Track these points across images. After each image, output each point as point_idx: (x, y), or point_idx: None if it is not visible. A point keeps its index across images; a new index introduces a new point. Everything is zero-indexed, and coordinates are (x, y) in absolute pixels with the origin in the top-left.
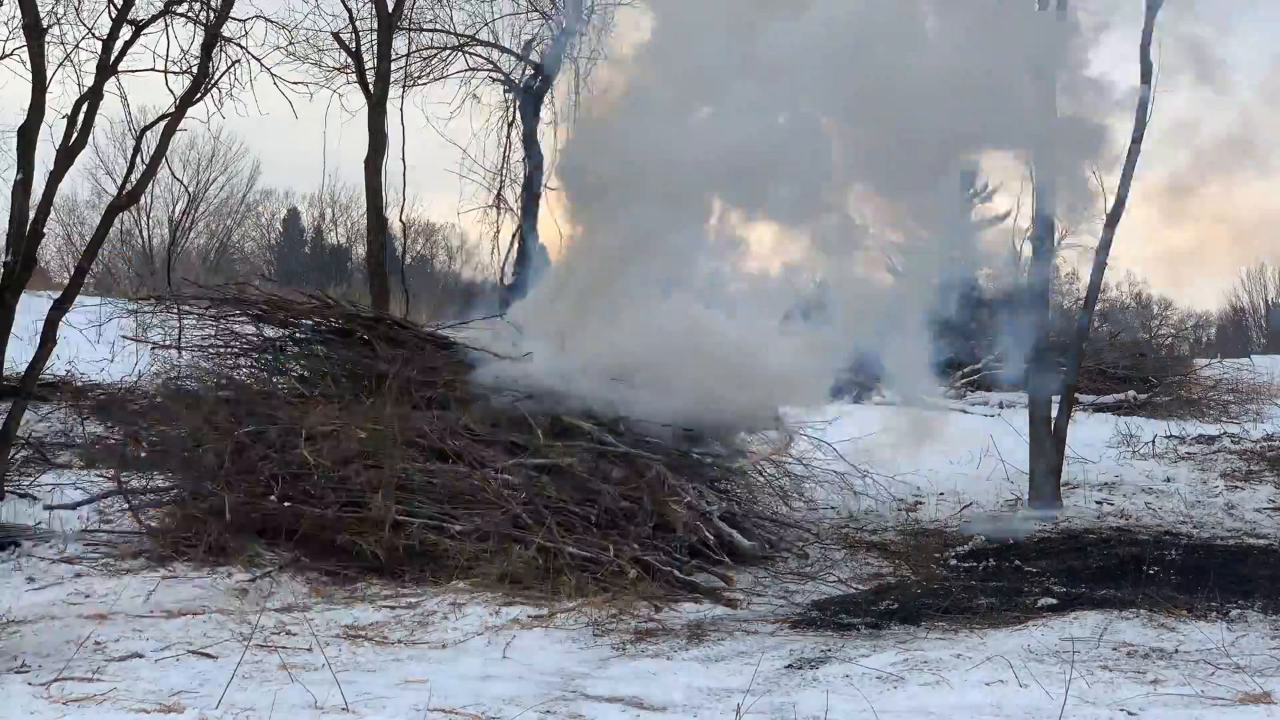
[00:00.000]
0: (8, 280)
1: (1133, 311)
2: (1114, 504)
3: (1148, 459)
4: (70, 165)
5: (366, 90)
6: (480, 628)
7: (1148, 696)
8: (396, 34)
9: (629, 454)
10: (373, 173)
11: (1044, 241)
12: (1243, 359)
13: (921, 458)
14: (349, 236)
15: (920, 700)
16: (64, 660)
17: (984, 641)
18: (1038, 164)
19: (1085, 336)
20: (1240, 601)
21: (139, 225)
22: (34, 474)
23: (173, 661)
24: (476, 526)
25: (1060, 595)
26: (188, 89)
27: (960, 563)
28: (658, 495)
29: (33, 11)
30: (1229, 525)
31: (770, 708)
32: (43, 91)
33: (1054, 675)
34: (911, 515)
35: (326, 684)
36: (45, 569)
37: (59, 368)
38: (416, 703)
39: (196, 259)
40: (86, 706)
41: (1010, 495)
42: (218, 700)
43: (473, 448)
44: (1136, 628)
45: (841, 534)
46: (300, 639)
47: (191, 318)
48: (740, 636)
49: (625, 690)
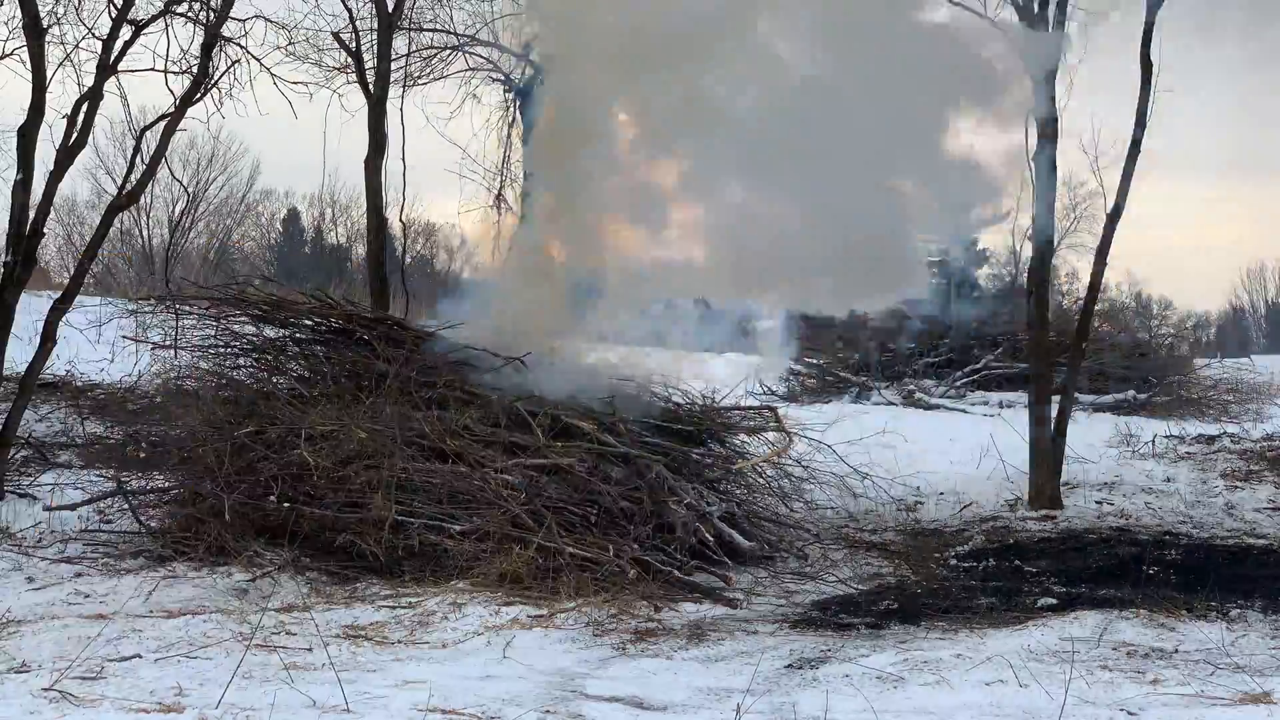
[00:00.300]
0: (8, 280)
1: (1131, 311)
2: (1114, 504)
3: (1148, 459)
4: (70, 165)
5: (366, 90)
6: (480, 628)
7: (1147, 696)
8: (396, 34)
9: (629, 454)
10: (373, 173)
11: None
12: (1243, 359)
13: (921, 457)
14: (349, 236)
15: (920, 700)
16: (64, 660)
17: (984, 641)
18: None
19: (1085, 336)
20: (1240, 601)
21: (139, 225)
22: (34, 474)
23: (172, 661)
24: (476, 526)
25: (1060, 595)
26: (188, 89)
27: (960, 563)
28: (658, 495)
29: (33, 11)
30: (1229, 525)
31: (770, 707)
32: (43, 91)
33: (1054, 675)
34: (911, 515)
35: (326, 684)
36: (45, 569)
37: (59, 367)
38: (416, 702)
39: (196, 259)
40: (86, 706)
41: (1010, 495)
42: (218, 700)
43: (472, 448)
44: (1136, 628)
45: (841, 534)
46: (300, 639)
47: (191, 318)
48: (740, 636)
49: (625, 690)
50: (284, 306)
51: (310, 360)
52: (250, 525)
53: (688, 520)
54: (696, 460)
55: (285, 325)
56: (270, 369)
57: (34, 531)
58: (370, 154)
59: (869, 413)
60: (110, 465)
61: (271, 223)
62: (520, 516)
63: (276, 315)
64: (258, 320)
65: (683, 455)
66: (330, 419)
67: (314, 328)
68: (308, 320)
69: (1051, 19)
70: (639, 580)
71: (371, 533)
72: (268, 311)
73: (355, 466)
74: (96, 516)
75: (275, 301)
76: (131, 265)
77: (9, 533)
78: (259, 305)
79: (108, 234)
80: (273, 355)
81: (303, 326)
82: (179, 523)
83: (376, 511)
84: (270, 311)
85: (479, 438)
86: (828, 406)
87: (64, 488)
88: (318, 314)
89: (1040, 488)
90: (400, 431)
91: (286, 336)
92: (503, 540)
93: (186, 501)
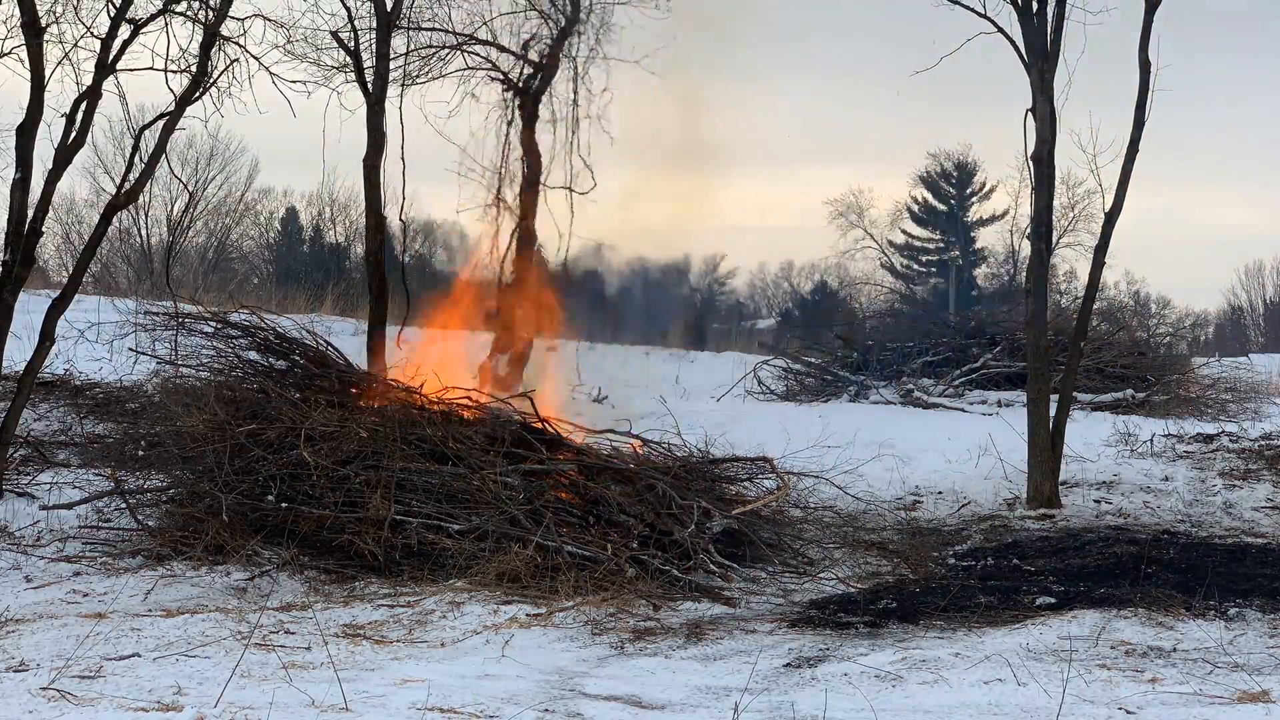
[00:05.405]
0: (6, 279)
1: (1130, 309)
2: (1112, 503)
3: (1146, 458)
4: (69, 164)
5: (365, 89)
6: (478, 627)
7: (1146, 695)
8: (395, 32)
9: (630, 470)
10: (371, 171)
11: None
12: (1241, 358)
13: (920, 457)
14: (348, 235)
15: (918, 699)
16: (62, 659)
17: (982, 640)
18: None
19: (1084, 335)
20: (1238, 600)
21: (137, 224)
22: (32, 473)
23: (171, 660)
24: (475, 526)
25: (1058, 594)
26: (186, 88)
27: (958, 562)
28: (662, 513)
29: (31, 10)
30: (1227, 524)
31: (768, 706)
32: (41, 90)
33: (1052, 674)
34: (910, 514)
35: (325, 683)
36: (44, 568)
37: (57, 366)
38: (415, 701)
39: (195, 258)
40: (85, 705)
41: (1009, 494)
42: (216, 699)
43: (473, 452)
44: (1135, 626)
45: (840, 533)
46: (299, 638)
47: (195, 337)
48: (738, 635)
49: (623, 689)
50: (286, 347)
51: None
52: (249, 524)
53: (693, 543)
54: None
55: (287, 358)
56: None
57: (32, 530)
58: (369, 153)
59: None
60: (109, 464)
61: (270, 222)
62: (519, 518)
63: (282, 347)
64: (262, 351)
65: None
66: (330, 420)
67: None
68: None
69: (1051, 18)
70: (637, 579)
71: (370, 532)
72: (275, 344)
73: (355, 466)
74: (95, 515)
75: (279, 337)
76: (131, 265)
77: (7, 531)
78: (264, 334)
79: (106, 233)
80: (276, 380)
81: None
82: (177, 522)
83: (375, 511)
84: (277, 344)
85: (479, 445)
86: (826, 406)
87: (62, 486)
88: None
89: (1038, 486)
90: (401, 432)
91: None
92: (501, 539)
93: (185, 500)
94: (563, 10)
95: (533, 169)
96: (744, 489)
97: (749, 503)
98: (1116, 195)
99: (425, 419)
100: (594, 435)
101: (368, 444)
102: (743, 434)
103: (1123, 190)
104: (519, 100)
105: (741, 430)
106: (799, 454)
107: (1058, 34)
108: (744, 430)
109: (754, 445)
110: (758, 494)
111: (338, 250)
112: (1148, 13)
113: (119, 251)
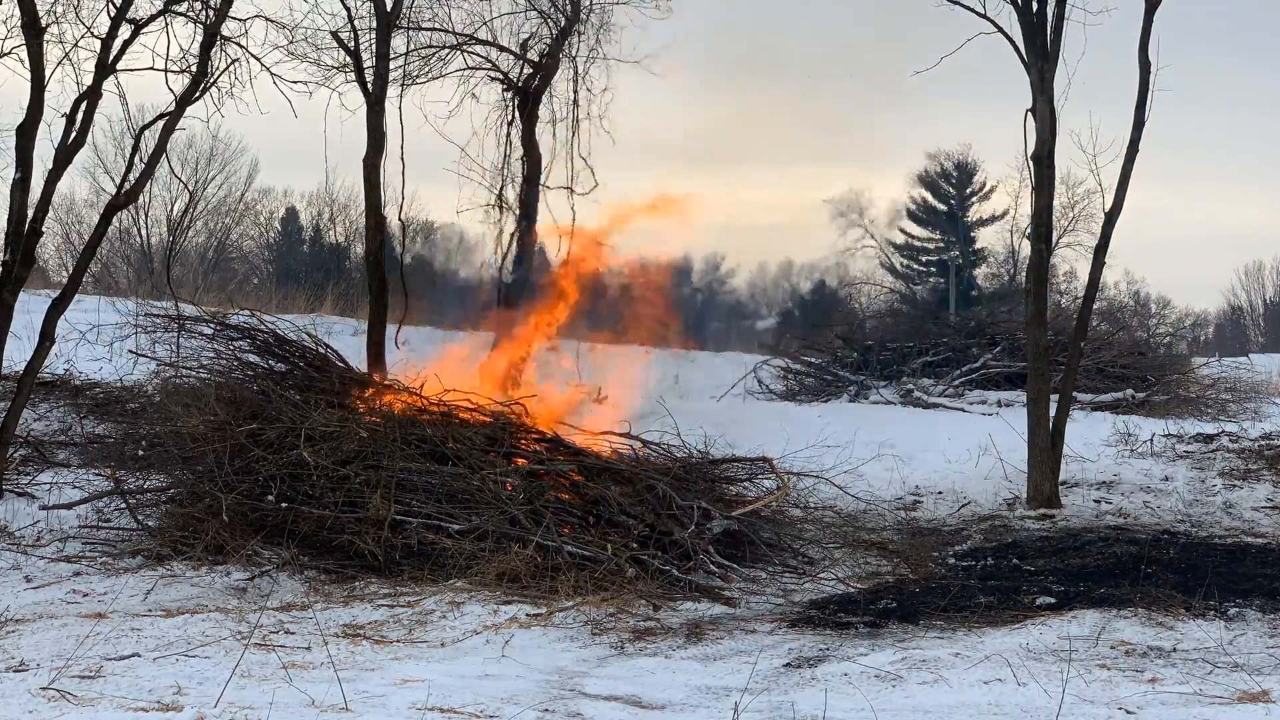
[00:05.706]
0: (6, 279)
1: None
2: (1112, 503)
3: (1146, 458)
4: (69, 164)
5: (365, 89)
6: (478, 627)
7: (1146, 695)
8: (395, 32)
9: (630, 471)
10: (371, 171)
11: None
12: (1241, 358)
13: (920, 456)
14: (348, 235)
15: (918, 699)
16: (62, 659)
17: (982, 640)
18: None
19: (1084, 335)
20: (1238, 600)
21: (137, 224)
22: (32, 473)
23: (171, 660)
24: (475, 526)
25: (1058, 594)
26: (187, 88)
27: (958, 561)
28: (662, 514)
29: (31, 10)
30: (1227, 524)
31: (768, 706)
32: (41, 90)
33: (1052, 674)
34: (910, 514)
35: (325, 683)
36: (44, 568)
37: (57, 366)
38: (415, 701)
39: (195, 258)
40: (85, 705)
41: (1009, 494)
42: (216, 699)
43: (473, 453)
44: (1134, 626)
45: (840, 533)
46: (299, 638)
47: (196, 339)
48: (738, 635)
49: (623, 689)
50: (287, 351)
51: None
52: (249, 524)
53: (695, 541)
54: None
55: (288, 362)
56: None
57: (32, 530)
58: (369, 153)
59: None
60: (109, 464)
61: (270, 221)
62: (519, 518)
63: (282, 351)
64: (263, 353)
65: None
66: (330, 420)
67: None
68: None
69: (1051, 18)
70: (637, 579)
71: (370, 532)
72: (274, 348)
73: (355, 466)
74: (95, 515)
75: (279, 341)
76: (132, 264)
77: (7, 531)
78: (265, 336)
79: (106, 233)
80: (276, 381)
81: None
82: (177, 522)
83: (375, 511)
84: (276, 347)
85: (479, 445)
86: (826, 406)
87: (62, 486)
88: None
89: (1038, 486)
90: (401, 432)
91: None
92: (501, 539)
93: (185, 501)
94: (563, 10)
95: (533, 169)
96: (744, 489)
97: (749, 503)
98: (1116, 195)
99: (426, 419)
100: (594, 436)
101: (368, 444)
102: (742, 434)
103: (1123, 190)
104: (519, 100)
105: (741, 430)
106: (799, 454)
107: (1057, 34)
108: (744, 430)
109: (754, 445)
110: (758, 494)
111: (338, 250)
112: (1148, 13)
113: (119, 251)
